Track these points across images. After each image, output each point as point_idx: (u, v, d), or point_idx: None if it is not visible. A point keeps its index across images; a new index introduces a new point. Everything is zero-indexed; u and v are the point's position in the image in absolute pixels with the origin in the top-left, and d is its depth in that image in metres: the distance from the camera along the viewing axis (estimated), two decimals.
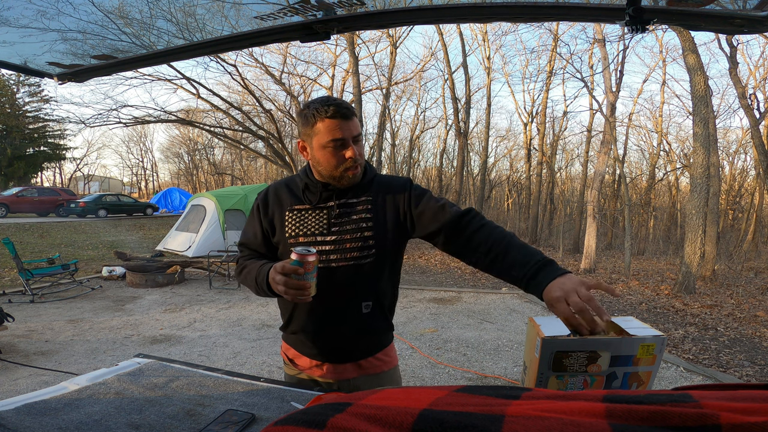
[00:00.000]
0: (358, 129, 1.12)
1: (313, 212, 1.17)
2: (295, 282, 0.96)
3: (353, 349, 1.21)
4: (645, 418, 0.25)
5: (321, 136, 1.09)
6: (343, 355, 1.21)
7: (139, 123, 12.32)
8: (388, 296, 1.24)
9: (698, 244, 6.95)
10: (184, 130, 27.52)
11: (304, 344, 1.23)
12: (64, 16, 0.93)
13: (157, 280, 6.66)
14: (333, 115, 1.07)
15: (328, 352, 1.21)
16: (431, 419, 0.28)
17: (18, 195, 17.10)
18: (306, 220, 1.18)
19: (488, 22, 1.61)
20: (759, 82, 13.05)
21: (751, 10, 0.81)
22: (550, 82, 16.38)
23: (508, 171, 23.83)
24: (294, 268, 0.95)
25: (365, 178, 1.20)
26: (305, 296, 0.98)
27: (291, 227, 1.18)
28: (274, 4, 0.92)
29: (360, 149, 1.12)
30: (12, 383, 3.24)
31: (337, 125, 1.08)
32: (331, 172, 1.12)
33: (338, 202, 1.17)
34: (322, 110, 1.07)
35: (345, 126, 1.08)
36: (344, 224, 1.16)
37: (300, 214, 1.18)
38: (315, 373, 1.23)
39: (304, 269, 0.95)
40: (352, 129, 1.09)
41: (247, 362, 3.73)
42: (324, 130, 1.08)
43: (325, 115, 1.07)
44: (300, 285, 0.96)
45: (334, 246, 1.15)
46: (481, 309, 5.63)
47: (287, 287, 0.96)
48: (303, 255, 0.94)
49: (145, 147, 36.81)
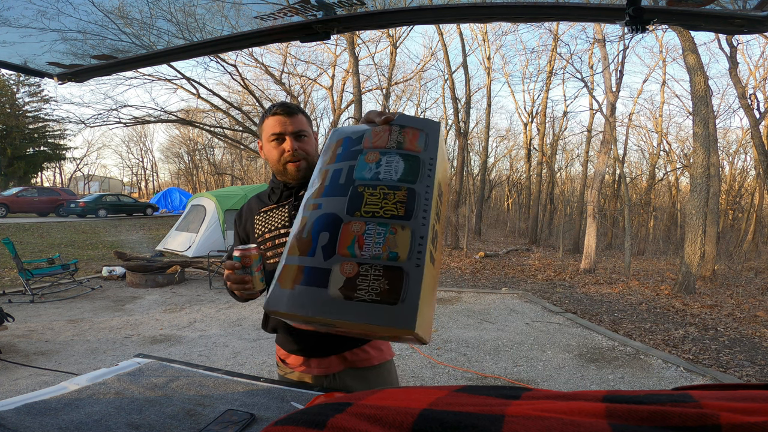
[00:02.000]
0: (301, 126, 1.19)
1: (276, 210, 1.24)
2: (235, 276, 1.01)
3: (333, 340, 1.18)
4: (645, 418, 0.25)
5: (265, 132, 1.20)
6: (326, 347, 1.20)
7: (139, 123, 12.32)
8: None
9: (698, 244, 6.96)
10: (184, 130, 27.52)
11: (287, 341, 1.25)
12: (64, 16, 0.93)
13: (157, 280, 6.66)
14: (275, 113, 1.18)
15: (311, 347, 1.21)
16: (431, 419, 0.28)
17: (18, 195, 17.09)
18: (271, 219, 1.25)
19: (488, 22, 1.61)
20: (759, 82, 13.07)
21: (751, 10, 0.81)
22: (550, 82, 16.40)
23: (508, 171, 23.86)
24: (233, 263, 1.01)
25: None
26: (248, 289, 1.02)
27: (259, 227, 1.26)
28: (274, 4, 0.92)
29: (303, 145, 1.19)
30: (12, 383, 3.24)
31: (278, 121, 1.17)
32: (276, 165, 1.21)
33: (297, 197, 1.23)
34: (269, 110, 1.20)
35: (285, 121, 1.17)
36: None
37: (266, 215, 1.26)
38: (303, 370, 1.23)
39: (242, 263, 1.00)
40: (292, 125, 1.17)
41: (247, 362, 3.73)
42: (267, 126, 1.19)
43: (269, 113, 1.19)
44: (240, 279, 1.01)
45: None
46: (480, 309, 5.63)
47: (231, 282, 1.02)
48: (242, 250, 1.00)
49: (145, 147, 36.84)
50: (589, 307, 6.02)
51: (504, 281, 7.97)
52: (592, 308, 5.98)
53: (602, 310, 5.92)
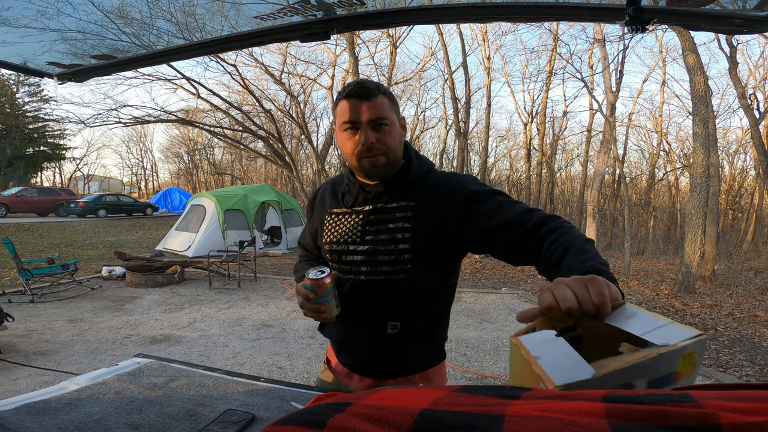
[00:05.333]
0: (380, 111, 0.96)
1: (348, 217, 1.06)
2: (310, 306, 0.96)
3: (375, 367, 1.10)
4: (645, 418, 0.25)
5: (338, 118, 0.99)
6: (367, 371, 1.11)
7: (139, 123, 12.32)
8: (423, 318, 1.06)
9: (698, 244, 6.96)
10: (184, 130, 27.52)
11: (335, 350, 1.18)
12: (64, 16, 0.93)
13: (156, 280, 6.66)
14: (348, 95, 0.96)
15: (354, 365, 1.13)
16: (431, 419, 0.28)
17: (18, 195, 17.09)
18: (341, 226, 1.07)
19: (488, 22, 1.61)
20: (759, 82, 13.06)
21: (751, 10, 0.81)
22: (550, 82, 16.40)
23: (508, 171, 23.82)
24: (307, 293, 0.94)
25: (408, 177, 1.03)
26: (324, 318, 0.97)
27: (328, 232, 1.09)
28: (274, 4, 0.92)
29: (382, 136, 0.97)
30: (12, 383, 3.24)
31: (351, 106, 0.96)
32: (349, 159, 1.01)
33: (373, 207, 1.03)
34: (343, 90, 0.98)
35: (358, 107, 0.95)
36: (379, 233, 1.02)
37: (337, 219, 1.08)
38: (344, 380, 1.16)
39: (316, 293, 0.94)
40: (366, 111, 0.95)
41: (247, 362, 3.73)
42: (339, 111, 0.98)
43: (343, 94, 0.98)
44: (316, 308, 0.96)
45: (365, 257, 1.03)
46: (480, 309, 5.63)
47: (306, 310, 0.97)
48: (314, 279, 0.93)
49: (145, 147, 36.83)
50: None
51: (504, 281, 7.97)
52: None
53: None
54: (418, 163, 1.05)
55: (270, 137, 12.66)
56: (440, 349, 1.13)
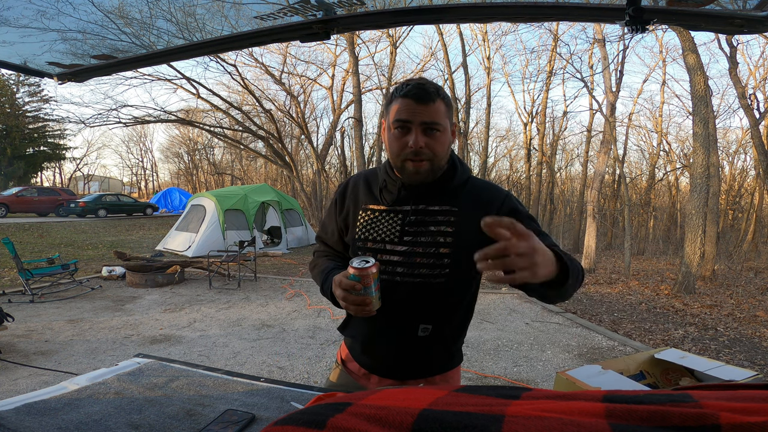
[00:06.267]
0: (435, 116, 0.95)
1: (387, 215, 1.04)
2: (354, 298, 0.90)
3: (401, 369, 1.09)
4: (645, 418, 0.25)
5: (391, 116, 0.98)
6: (390, 372, 1.10)
7: (139, 123, 12.33)
8: (454, 322, 1.08)
9: (698, 244, 6.96)
10: (184, 130, 27.52)
11: (357, 350, 1.15)
12: (64, 16, 0.93)
13: (156, 280, 6.66)
14: (406, 94, 0.95)
15: (376, 366, 1.11)
16: (431, 419, 0.28)
17: (18, 195, 17.09)
18: (378, 224, 1.04)
19: (488, 22, 1.61)
20: (759, 82, 13.06)
21: (751, 10, 0.81)
22: (550, 82, 16.39)
23: (508, 171, 23.82)
24: (351, 284, 0.89)
25: (452, 183, 1.03)
26: (367, 311, 0.92)
27: (362, 229, 1.06)
28: (274, 4, 0.92)
29: (432, 141, 0.96)
30: (12, 383, 3.24)
31: (407, 106, 0.95)
32: (393, 159, 1.00)
33: (415, 207, 1.02)
34: (401, 88, 0.97)
35: (415, 109, 0.94)
36: (419, 234, 1.01)
37: (373, 215, 1.06)
38: (361, 381, 1.14)
39: (362, 284, 0.88)
40: (423, 114, 0.94)
41: (247, 362, 3.73)
42: (394, 109, 0.97)
43: (400, 93, 0.96)
44: (360, 300, 0.90)
45: (402, 258, 1.01)
46: (480, 309, 5.63)
47: (348, 303, 0.91)
48: (360, 269, 0.87)
49: (145, 147, 36.85)
50: (589, 307, 6.02)
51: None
52: (591, 308, 5.98)
53: (602, 310, 5.93)
54: (461, 169, 1.06)
55: (270, 137, 12.66)
56: (461, 351, 1.15)
